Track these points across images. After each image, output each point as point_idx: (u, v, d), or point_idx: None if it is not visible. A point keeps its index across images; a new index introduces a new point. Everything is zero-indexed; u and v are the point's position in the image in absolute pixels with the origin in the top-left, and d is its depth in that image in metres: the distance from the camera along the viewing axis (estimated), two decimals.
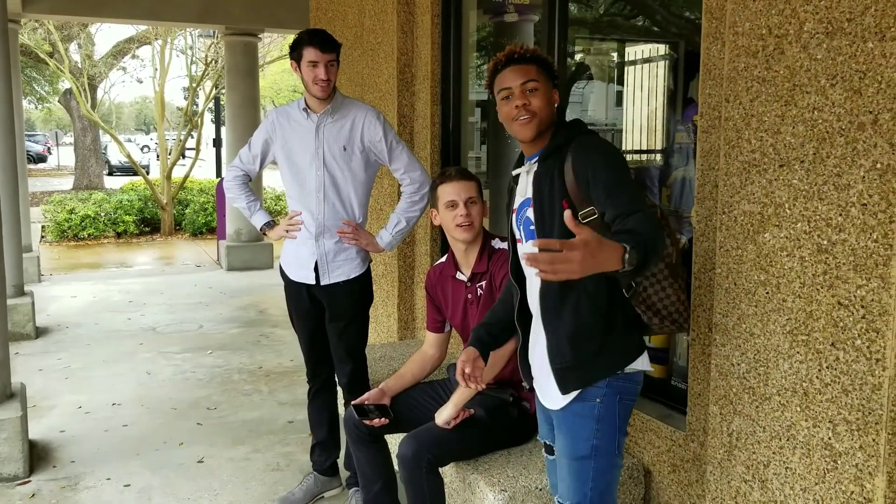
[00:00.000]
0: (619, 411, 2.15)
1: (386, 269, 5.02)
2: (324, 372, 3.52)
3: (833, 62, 2.01)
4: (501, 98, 2.15)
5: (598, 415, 2.12)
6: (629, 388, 2.17)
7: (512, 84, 2.12)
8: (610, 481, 2.19)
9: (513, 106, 2.12)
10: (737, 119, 2.31)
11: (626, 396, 2.16)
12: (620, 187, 1.98)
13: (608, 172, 2.01)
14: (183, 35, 16.35)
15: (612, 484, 2.21)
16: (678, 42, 4.82)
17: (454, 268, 2.98)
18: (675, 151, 4.20)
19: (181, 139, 15.05)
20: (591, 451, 2.13)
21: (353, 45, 5.27)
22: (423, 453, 2.62)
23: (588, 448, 2.13)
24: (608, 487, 2.19)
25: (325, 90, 3.16)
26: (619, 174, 2.02)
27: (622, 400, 2.15)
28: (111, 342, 6.49)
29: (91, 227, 13.12)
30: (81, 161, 20.69)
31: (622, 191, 1.97)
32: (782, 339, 2.21)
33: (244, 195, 3.49)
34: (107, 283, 9.19)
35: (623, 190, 1.97)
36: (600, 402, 2.12)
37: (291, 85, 27.03)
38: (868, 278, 1.95)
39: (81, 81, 16.50)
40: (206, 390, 5.21)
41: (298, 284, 3.37)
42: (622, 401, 2.15)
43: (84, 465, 4.00)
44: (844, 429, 2.05)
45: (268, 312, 7.58)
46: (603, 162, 2.03)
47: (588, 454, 2.13)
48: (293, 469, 3.93)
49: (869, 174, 1.93)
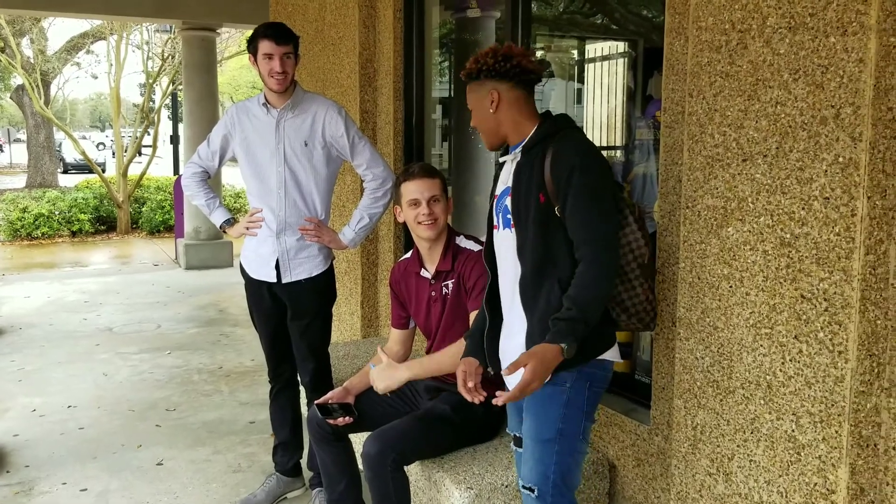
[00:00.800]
0: (588, 397, 2.18)
1: (349, 266, 4.97)
2: (286, 371, 3.47)
3: (796, 57, 2.02)
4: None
5: (567, 399, 2.15)
6: (599, 376, 2.20)
7: None
8: (572, 465, 2.22)
9: None
10: (700, 114, 2.32)
11: (595, 384, 2.19)
12: (586, 212, 2.05)
13: (580, 189, 2.05)
14: (139, 30, 16.06)
15: (574, 468, 2.23)
16: (637, 39, 4.85)
17: (419, 264, 2.95)
18: (636, 148, 4.22)
19: (137, 136, 14.78)
20: (556, 435, 2.16)
21: (313, 40, 5.21)
22: (387, 452, 2.59)
23: (553, 431, 2.16)
24: (570, 471, 2.21)
25: (281, 83, 3.11)
26: (590, 194, 2.06)
27: (591, 387, 2.18)
28: (67, 343, 6.34)
29: (45, 225, 12.83)
30: (35, 159, 20.24)
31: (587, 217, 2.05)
32: (746, 332, 2.22)
33: (203, 192, 3.42)
34: (62, 282, 8.98)
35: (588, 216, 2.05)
36: (570, 387, 2.15)
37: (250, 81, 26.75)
38: (830, 271, 1.97)
39: (34, 77, 16.13)
40: (164, 391, 5.12)
41: (259, 282, 3.31)
42: (591, 387, 2.18)
43: (39, 470, 3.89)
44: (808, 421, 2.06)
45: (228, 311, 7.48)
46: (579, 175, 2.05)
47: (553, 437, 2.16)
48: (255, 470, 3.87)
49: (831, 168, 1.95)
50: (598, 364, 2.19)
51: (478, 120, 2.23)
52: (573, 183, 2.05)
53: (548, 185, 2.08)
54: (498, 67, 2.15)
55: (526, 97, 2.21)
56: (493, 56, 2.15)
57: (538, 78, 2.22)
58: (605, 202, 2.08)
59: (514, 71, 2.15)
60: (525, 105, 2.21)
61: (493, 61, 2.15)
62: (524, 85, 2.19)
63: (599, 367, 2.19)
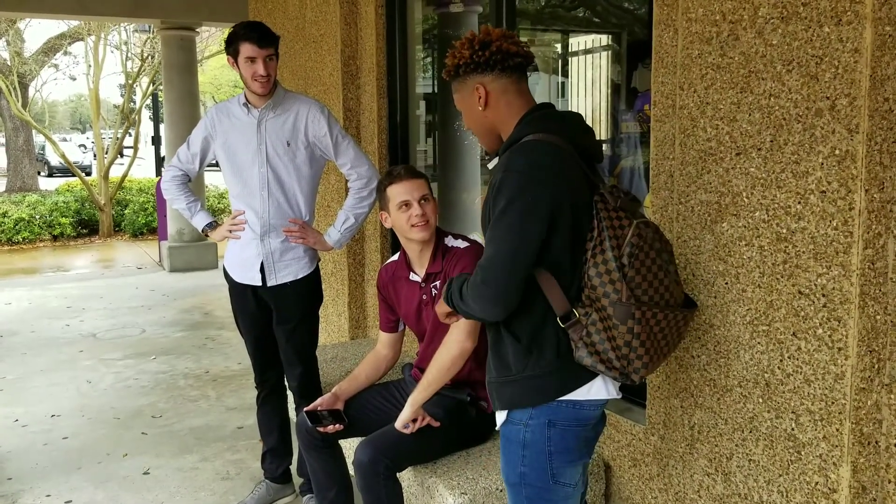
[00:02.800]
0: (550, 437, 1.89)
1: (335, 267, 4.90)
2: (272, 376, 3.40)
3: (789, 48, 1.98)
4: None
5: (524, 440, 1.91)
6: (565, 413, 1.88)
7: None
8: None
9: None
10: (692, 107, 2.27)
11: (561, 422, 1.88)
12: (493, 233, 1.80)
13: (495, 215, 1.80)
14: (117, 30, 15.87)
15: None
16: (621, 32, 4.81)
17: (407, 269, 2.89)
18: (621, 141, 4.19)
19: (118, 137, 14.61)
20: (519, 479, 1.94)
21: (294, 38, 5.13)
22: (379, 459, 2.53)
23: (516, 475, 1.94)
24: None
25: (265, 86, 3.04)
26: (499, 223, 1.78)
27: (555, 425, 1.88)
28: (49, 350, 6.23)
29: (25, 230, 12.65)
30: (14, 162, 19.96)
31: (491, 238, 1.81)
32: (742, 329, 2.18)
33: (184, 196, 3.34)
34: (43, 288, 8.86)
35: (492, 238, 1.80)
36: (525, 427, 1.90)
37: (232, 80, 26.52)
38: (828, 266, 1.93)
39: (11, 80, 15.90)
40: (150, 398, 5.03)
41: (243, 286, 3.25)
42: (556, 426, 1.88)
43: (22, 482, 3.81)
44: (807, 419, 2.03)
45: (213, 314, 7.39)
46: (500, 196, 1.79)
47: (518, 481, 1.94)
48: (244, 477, 3.81)
49: (827, 161, 1.91)
50: (565, 402, 1.88)
51: (469, 121, 1.99)
52: (493, 204, 1.80)
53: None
54: (476, 58, 1.90)
55: (515, 86, 1.93)
56: (469, 47, 1.91)
57: (526, 61, 1.94)
58: (502, 239, 1.77)
59: (496, 58, 1.89)
60: (515, 95, 1.93)
61: (470, 52, 1.90)
62: (511, 71, 1.91)
63: (569, 404, 1.88)
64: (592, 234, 1.80)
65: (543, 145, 1.82)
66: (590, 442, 1.98)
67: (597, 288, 1.77)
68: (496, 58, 1.90)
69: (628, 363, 1.77)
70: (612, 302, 1.75)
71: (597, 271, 1.77)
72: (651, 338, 1.78)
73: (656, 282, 1.79)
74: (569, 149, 1.85)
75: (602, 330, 1.78)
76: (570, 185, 1.80)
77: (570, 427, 1.90)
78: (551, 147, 1.82)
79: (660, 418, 2.56)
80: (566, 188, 1.79)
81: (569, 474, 1.94)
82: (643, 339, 1.76)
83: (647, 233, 1.79)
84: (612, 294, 1.75)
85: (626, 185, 3.86)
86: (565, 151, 1.84)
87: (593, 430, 1.97)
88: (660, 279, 1.80)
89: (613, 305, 1.75)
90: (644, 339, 1.76)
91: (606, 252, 1.76)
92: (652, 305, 1.77)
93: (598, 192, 1.82)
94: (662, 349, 1.82)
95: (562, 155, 1.82)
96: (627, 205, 1.81)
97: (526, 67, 1.96)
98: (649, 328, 1.77)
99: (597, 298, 1.78)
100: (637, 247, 1.76)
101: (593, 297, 1.78)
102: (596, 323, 1.78)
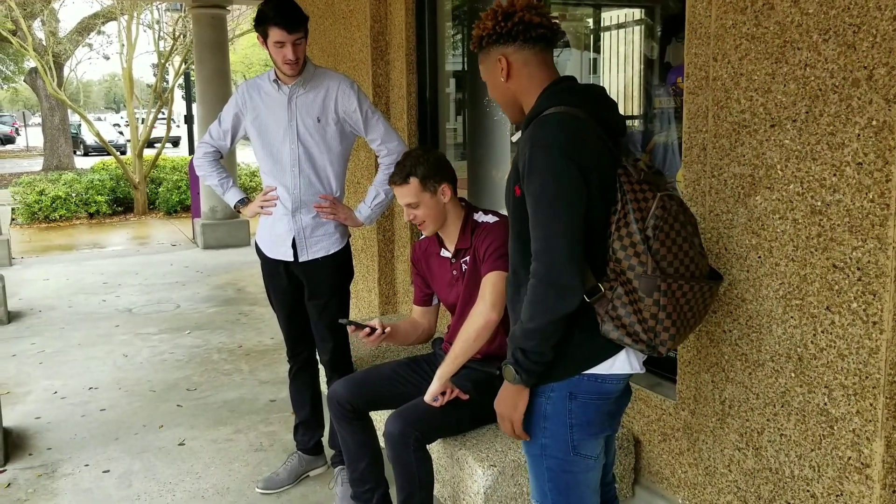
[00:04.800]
0: (571, 409, 1.89)
1: (365, 244, 4.93)
2: (304, 350, 3.44)
3: (826, 16, 1.94)
4: None
5: (546, 412, 1.91)
6: (587, 387, 1.88)
7: None
8: (571, 483, 1.96)
9: None
10: (725, 79, 2.24)
11: (583, 395, 1.89)
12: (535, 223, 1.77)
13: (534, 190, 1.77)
14: (149, 9, 15.99)
15: (574, 487, 1.97)
16: (654, 6, 4.74)
17: (438, 245, 2.91)
18: (655, 116, 4.13)
19: (151, 117, 14.76)
20: (540, 450, 1.95)
21: (323, 14, 5.13)
22: (409, 431, 2.56)
23: (537, 447, 1.95)
24: (569, 490, 1.96)
25: (294, 69, 3.04)
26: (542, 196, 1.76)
27: (575, 398, 1.89)
28: (86, 325, 6.35)
29: (62, 208, 12.87)
30: (50, 141, 20.30)
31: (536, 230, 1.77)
32: (775, 304, 2.16)
33: (216, 172, 3.37)
34: (80, 264, 9.01)
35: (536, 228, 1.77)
36: (547, 399, 1.91)
37: (263, 58, 26.62)
38: (864, 239, 1.90)
39: (46, 59, 16.12)
40: (184, 371, 5.12)
41: (275, 262, 3.28)
42: (576, 399, 1.89)
43: (61, 452, 3.90)
44: (841, 394, 2.01)
45: (246, 290, 7.47)
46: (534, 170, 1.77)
47: (539, 453, 1.95)
48: (276, 449, 3.87)
49: (864, 132, 1.87)
50: (585, 374, 1.88)
51: (494, 93, 2.00)
52: (527, 185, 1.78)
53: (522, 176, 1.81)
54: (499, 29, 1.89)
55: (538, 57, 1.91)
56: (492, 17, 1.90)
57: (551, 32, 1.91)
58: (552, 210, 1.74)
59: (518, 28, 1.88)
60: (538, 67, 1.91)
61: (493, 23, 1.90)
62: (534, 42, 1.89)
63: (587, 377, 1.88)
64: (616, 208, 1.78)
65: (566, 118, 1.80)
66: (613, 415, 1.98)
67: (622, 261, 1.76)
68: (518, 28, 1.89)
69: (655, 335, 1.76)
70: (638, 275, 1.74)
71: (621, 244, 1.76)
72: (677, 310, 1.76)
73: (681, 254, 1.77)
74: (591, 122, 1.83)
75: (628, 303, 1.76)
76: (593, 158, 1.78)
77: (591, 400, 1.90)
78: (573, 120, 1.80)
79: (690, 393, 2.55)
80: (590, 161, 1.77)
81: (590, 446, 1.95)
82: (669, 311, 1.75)
83: (671, 205, 1.78)
84: (637, 267, 1.74)
85: (659, 162, 3.81)
86: (587, 124, 1.82)
87: (615, 403, 1.96)
88: (685, 251, 1.78)
89: (639, 278, 1.74)
90: (670, 312, 1.75)
91: (631, 225, 1.75)
92: (678, 277, 1.76)
93: (622, 165, 1.80)
94: (689, 321, 1.81)
95: (584, 127, 1.81)
96: (651, 177, 1.79)
97: (551, 39, 1.94)
98: (675, 300, 1.75)
99: (622, 272, 1.76)
100: (661, 219, 1.75)
101: (618, 271, 1.77)
102: (622, 297, 1.77)
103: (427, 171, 2.73)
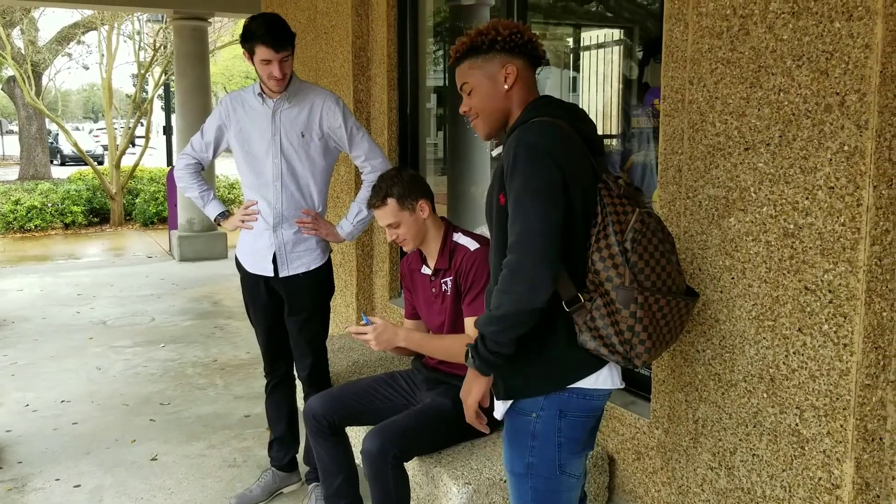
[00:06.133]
0: (560, 428, 1.91)
1: (344, 258, 4.92)
2: (282, 366, 3.43)
3: (799, 43, 1.98)
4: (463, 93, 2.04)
5: (534, 431, 1.92)
6: (576, 404, 1.90)
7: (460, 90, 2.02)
8: (554, 502, 1.97)
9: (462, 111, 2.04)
10: (701, 102, 2.27)
11: (572, 413, 1.90)
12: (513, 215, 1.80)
13: (515, 190, 1.79)
14: (130, 20, 15.93)
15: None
16: (633, 27, 4.80)
17: (420, 261, 2.93)
18: (633, 136, 4.18)
19: (130, 127, 14.67)
20: (526, 469, 1.94)
21: (306, 29, 5.15)
22: (388, 448, 2.55)
23: (523, 465, 1.94)
24: None
25: (280, 85, 3.04)
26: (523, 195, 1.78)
27: (566, 416, 1.90)
28: (59, 337, 6.28)
29: (38, 218, 12.73)
30: (27, 150, 20.09)
31: (513, 227, 1.79)
32: (748, 324, 2.19)
33: (196, 185, 3.36)
34: (55, 275, 8.91)
35: (514, 224, 1.79)
36: (536, 418, 1.91)
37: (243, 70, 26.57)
38: (835, 262, 1.93)
39: (25, 68, 15.99)
40: (158, 385, 5.07)
41: (255, 277, 3.26)
42: (566, 417, 1.90)
43: (32, 466, 3.85)
44: (812, 415, 2.03)
45: (222, 303, 7.42)
46: (517, 172, 1.80)
47: (524, 471, 1.95)
48: (251, 465, 3.84)
49: (836, 157, 1.91)
50: (574, 391, 1.90)
51: (482, 99, 1.97)
52: (510, 183, 1.81)
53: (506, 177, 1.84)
54: (514, 39, 1.93)
55: (531, 75, 1.99)
56: (506, 28, 1.94)
57: (543, 57, 2.01)
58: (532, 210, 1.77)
59: (528, 47, 1.95)
60: (529, 86, 1.98)
61: (508, 33, 1.93)
62: (532, 63, 1.98)
63: (578, 394, 1.90)
64: (596, 220, 1.82)
65: (552, 125, 1.85)
66: (593, 432, 2.01)
67: (600, 272, 1.79)
68: (528, 47, 1.95)
69: (631, 348, 1.79)
70: (616, 286, 1.77)
71: (600, 256, 1.79)
72: (654, 323, 1.80)
73: (658, 268, 1.81)
74: (574, 134, 1.88)
75: (606, 315, 1.79)
76: (575, 167, 1.82)
77: (579, 418, 1.92)
78: (558, 128, 1.85)
79: (664, 412, 2.57)
80: (572, 168, 1.80)
81: (575, 465, 1.97)
82: (645, 323, 1.78)
83: (649, 221, 1.82)
84: (615, 278, 1.77)
85: (637, 181, 3.86)
86: (572, 135, 1.87)
87: (597, 420, 1.99)
88: (662, 266, 1.82)
89: (616, 290, 1.77)
90: (647, 324, 1.78)
91: (610, 237, 1.79)
92: (654, 291, 1.79)
93: (602, 179, 1.85)
94: (665, 336, 1.84)
95: (568, 137, 1.85)
96: (631, 193, 1.85)
97: (540, 62, 2.02)
98: (651, 314, 1.79)
99: (600, 283, 1.80)
100: (640, 232, 1.79)
101: (597, 282, 1.81)
102: (600, 308, 1.79)
103: (403, 190, 2.75)
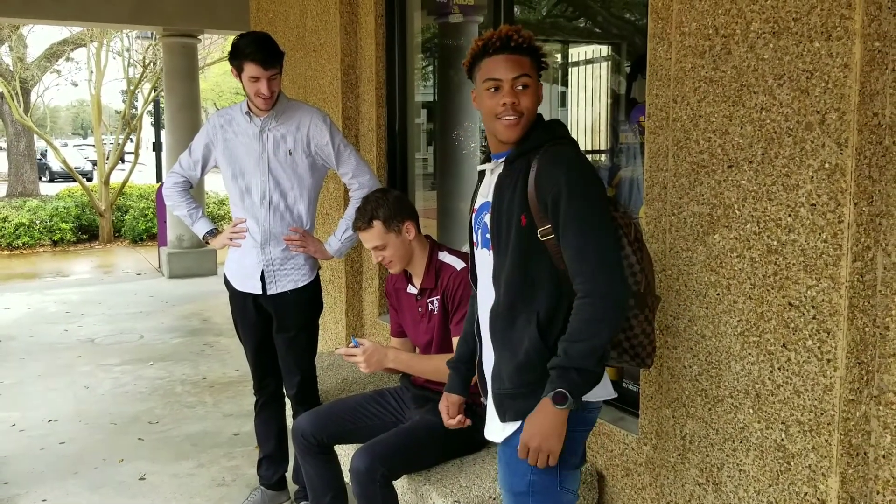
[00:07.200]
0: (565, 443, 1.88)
1: (333, 275, 4.92)
2: (271, 384, 3.42)
3: (780, 62, 2.00)
4: (486, 88, 1.89)
5: None
6: (577, 419, 1.89)
7: (503, 77, 1.86)
8: None
9: (500, 102, 1.87)
10: (685, 120, 2.30)
11: (572, 428, 1.88)
12: (582, 242, 1.78)
13: (578, 211, 1.78)
14: (119, 37, 15.93)
15: None
16: (621, 43, 4.84)
17: (406, 280, 2.92)
18: (621, 152, 4.21)
19: (119, 143, 14.65)
20: (527, 488, 1.92)
21: (295, 47, 5.17)
22: (377, 466, 2.55)
23: (525, 484, 1.92)
24: None
25: (268, 103, 3.06)
26: (590, 216, 1.79)
27: (570, 432, 1.88)
28: (47, 355, 6.25)
29: (25, 235, 12.67)
30: (15, 167, 20.01)
31: (587, 250, 1.78)
32: (734, 340, 2.20)
33: (185, 203, 3.36)
34: (42, 293, 8.87)
35: (585, 246, 1.78)
36: None
37: (233, 87, 26.57)
38: (818, 279, 1.95)
39: (13, 85, 15.95)
40: (147, 404, 5.05)
41: (244, 294, 3.26)
42: (570, 433, 1.88)
43: (18, 487, 3.82)
44: (797, 430, 2.04)
45: (212, 321, 7.40)
46: (575, 193, 1.79)
47: (525, 490, 1.93)
48: (239, 484, 3.82)
49: (817, 174, 1.93)
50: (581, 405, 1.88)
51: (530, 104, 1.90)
52: (563, 208, 1.79)
53: (531, 202, 1.83)
54: (543, 65, 1.94)
55: None
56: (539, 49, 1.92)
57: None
58: (602, 228, 1.80)
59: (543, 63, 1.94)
60: None
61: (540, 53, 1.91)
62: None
63: (582, 407, 1.88)
64: None
65: (573, 145, 1.94)
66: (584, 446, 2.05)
67: None
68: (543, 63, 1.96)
69: (643, 349, 1.95)
70: (636, 293, 1.91)
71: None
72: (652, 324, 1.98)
73: (650, 275, 1.97)
74: None
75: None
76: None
77: (577, 431, 1.93)
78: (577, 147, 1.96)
79: (652, 428, 2.58)
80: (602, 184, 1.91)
81: (573, 480, 1.99)
82: (654, 325, 1.97)
83: (641, 233, 1.97)
84: (633, 286, 1.91)
85: (625, 196, 3.88)
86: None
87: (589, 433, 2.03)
88: (652, 273, 2.00)
89: (637, 297, 1.91)
90: (654, 327, 1.98)
91: (626, 248, 1.91)
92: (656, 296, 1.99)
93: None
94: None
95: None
96: (624, 207, 2.01)
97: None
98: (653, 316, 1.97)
99: None
100: (640, 241, 1.95)
101: None
102: None
103: (389, 213, 2.74)
